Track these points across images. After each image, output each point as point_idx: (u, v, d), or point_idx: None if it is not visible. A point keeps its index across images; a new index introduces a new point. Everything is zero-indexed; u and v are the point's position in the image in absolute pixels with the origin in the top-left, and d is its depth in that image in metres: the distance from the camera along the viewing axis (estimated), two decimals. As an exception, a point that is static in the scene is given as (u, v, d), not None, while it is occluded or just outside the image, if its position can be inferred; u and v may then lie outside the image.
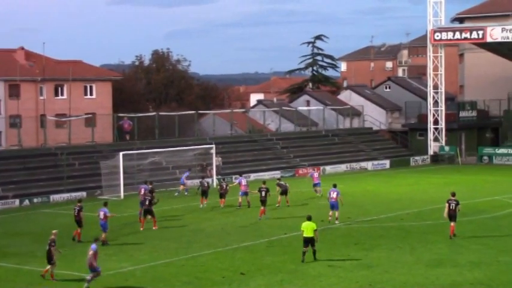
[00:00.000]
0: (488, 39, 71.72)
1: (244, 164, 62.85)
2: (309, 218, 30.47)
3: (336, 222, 39.00)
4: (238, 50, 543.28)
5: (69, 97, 69.06)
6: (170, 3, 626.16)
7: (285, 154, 69.36)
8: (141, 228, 38.39)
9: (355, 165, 69.01)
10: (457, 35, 73.80)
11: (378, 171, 67.75)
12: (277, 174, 63.23)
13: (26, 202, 49.93)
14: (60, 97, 71.12)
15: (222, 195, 45.55)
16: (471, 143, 78.25)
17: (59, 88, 71.37)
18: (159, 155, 57.10)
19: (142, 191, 41.51)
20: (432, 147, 75.55)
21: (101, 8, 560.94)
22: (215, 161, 58.37)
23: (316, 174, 49.99)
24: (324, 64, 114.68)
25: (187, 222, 40.10)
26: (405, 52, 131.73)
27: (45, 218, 44.50)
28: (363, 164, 69.72)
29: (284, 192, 45.35)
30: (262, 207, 41.36)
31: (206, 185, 46.78)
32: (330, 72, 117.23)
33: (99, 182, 53.31)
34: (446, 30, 74.39)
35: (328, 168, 66.63)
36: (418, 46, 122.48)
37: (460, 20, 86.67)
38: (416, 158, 73.69)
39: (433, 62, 75.55)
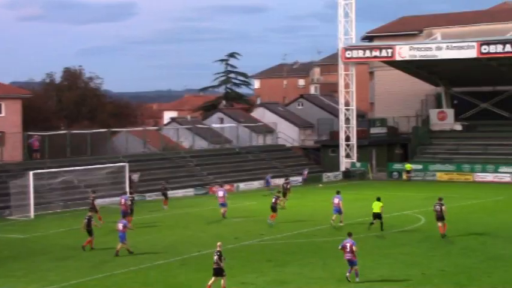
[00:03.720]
0: (397, 58, 73.41)
1: (157, 181, 62.35)
2: (379, 199, 40.46)
3: (340, 224, 42.56)
4: (151, 68, 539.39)
5: (-23, 115, 67.36)
6: (82, 20, 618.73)
7: (199, 171, 69.29)
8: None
9: (268, 182, 69.32)
10: (367, 53, 75.31)
11: (291, 187, 68.11)
12: (190, 191, 63.20)
13: None
14: (-33, 115, 69.18)
15: (131, 212, 45.22)
16: (381, 159, 79.79)
17: (-34, 106, 69.46)
18: (70, 173, 56.35)
19: (123, 201, 44.56)
20: (344, 163, 76.68)
21: (11, 24, 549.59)
22: (134, 177, 58.81)
23: (221, 193, 48.11)
24: (237, 81, 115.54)
25: (99, 241, 39.53)
26: (317, 70, 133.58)
27: (-49, 239, 43.18)
28: (276, 181, 70.00)
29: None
30: (272, 213, 44.31)
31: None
32: (243, 90, 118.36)
33: (8, 202, 52.24)
34: (357, 48, 75.84)
35: (242, 185, 66.86)
36: (329, 64, 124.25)
37: (370, 38, 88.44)
38: (329, 174, 74.60)
39: (344, 79, 76.86)
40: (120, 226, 36.09)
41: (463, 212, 49.31)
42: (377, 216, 40.30)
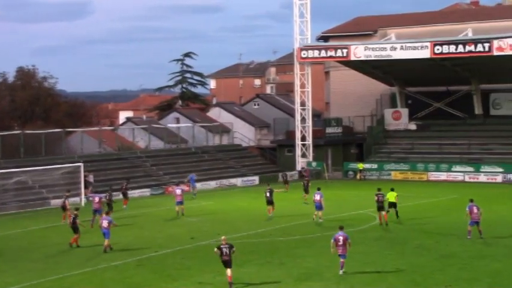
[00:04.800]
0: (352, 58, 73.98)
1: (113, 181, 61.95)
2: (392, 189, 44.34)
3: (320, 220, 44.23)
4: (106, 67, 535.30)
5: None
6: (36, 19, 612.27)
7: (155, 171, 69.08)
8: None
9: (224, 181, 69.50)
10: (323, 53, 75.76)
11: (248, 187, 68.42)
12: (146, 192, 63.00)
13: None
14: None
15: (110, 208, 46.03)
16: (337, 159, 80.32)
17: None
18: (25, 174, 55.78)
19: (97, 199, 45.24)
20: (300, 163, 77.03)
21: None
22: (89, 178, 58.45)
23: (179, 191, 48.34)
24: (193, 81, 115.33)
25: (56, 242, 39.25)
26: (273, 70, 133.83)
27: None
28: (233, 181, 70.33)
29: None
30: (269, 207, 46.83)
31: None
32: (199, 90, 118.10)
33: (-39, 203, 51.51)
34: (313, 48, 76.24)
35: (198, 185, 66.65)
36: (285, 64, 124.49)
37: (325, 38, 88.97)
38: (286, 173, 74.71)
39: (300, 79, 77.23)
40: (105, 223, 36.16)
41: (417, 210, 49.96)
42: (392, 205, 43.74)
